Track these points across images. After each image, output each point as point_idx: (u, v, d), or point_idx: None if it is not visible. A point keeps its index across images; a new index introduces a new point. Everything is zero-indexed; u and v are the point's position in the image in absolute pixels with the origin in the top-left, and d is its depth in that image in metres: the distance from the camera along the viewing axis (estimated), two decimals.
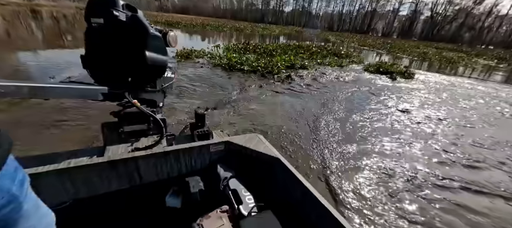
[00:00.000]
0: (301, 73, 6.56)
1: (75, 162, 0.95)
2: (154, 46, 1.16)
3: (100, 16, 1.04)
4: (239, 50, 8.90)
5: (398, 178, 2.32)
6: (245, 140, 1.31)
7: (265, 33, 25.86)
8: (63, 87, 0.94)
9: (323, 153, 2.64)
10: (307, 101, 4.34)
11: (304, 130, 3.14)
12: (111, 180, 1.03)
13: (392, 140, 3.13)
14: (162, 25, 21.80)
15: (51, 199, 0.91)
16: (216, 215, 1.00)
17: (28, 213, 0.56)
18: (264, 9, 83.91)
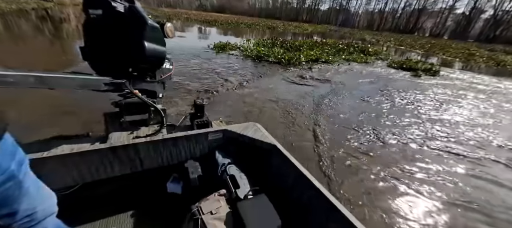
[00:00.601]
0: (321, 66, 7.22)
1: (79, 148, 0.98)
2: (153, 37, 1.17)
3: (98, 7, 1.05)
4: (268, 45, 9.85)
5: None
6: (243, 128, 1.34)
7: (297, 31, 26.22)
8: (68, 77, 0.96)
9: (310, 118, 3.45)
10: (315, 87, 5.09)
11: (304, 104, 3.96)
12: (113, 166, 1.06)
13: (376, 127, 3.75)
14: (202, 23, 23.98)
15: (57, 183, 0.97)
16: (214, 198, 1.04)
17: (29, 192, 0.59)
18: (299, 7, 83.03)
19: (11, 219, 0.57)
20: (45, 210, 0.66)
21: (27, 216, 0.60)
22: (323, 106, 3.94)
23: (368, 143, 2.85)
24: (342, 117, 3.59)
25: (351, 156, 2.54)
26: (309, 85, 5.08)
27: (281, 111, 3.57)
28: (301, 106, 3.85)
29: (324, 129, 3.11)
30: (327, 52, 9.69)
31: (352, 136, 2.99)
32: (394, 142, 2.95)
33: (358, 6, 76.72)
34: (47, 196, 0.69)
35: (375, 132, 3.15)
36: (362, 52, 11.21)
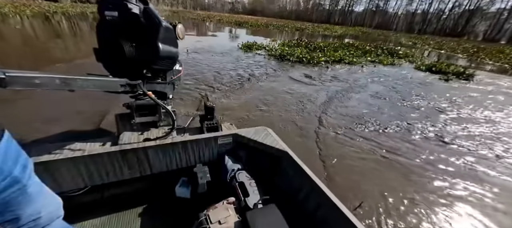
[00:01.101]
0: (343, 66, 7.45)
1: (90, 150, 0.99)
2: (167, 38, 1.17)
3: (114, 9, 1.05)
4: (292, 46, 10.30)
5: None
6: (253, 132, 1.32)
7: (326, 33, 25.90)
8: (89, 79, 0.97)
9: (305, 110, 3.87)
10: (331, 83, 5.42)
11: (317, 96, 4.38)
12: (123, 169, 1.06)
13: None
14: (233, 24, 25.30)
15: (68, 185, 0.99)
16: (223, 206, 1.01)
17: (32, 197, 0.58)
18: (331, 9, 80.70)
19: (15, 224, 0.56)
20: (50, 214, 0.65)
21: (32, 221, 0.59)
22: (335, 100, 4.32)
23: (360, 128, 3.20)
24: (348, 109, 3.95)
25: (344, 136, 2.95)
26: (325, 81, 5.45)
27: (294, 100, 4.08)
28: (313, 98, 4.30)
29: (328, 116, 3.54)
30: (352, 53, 9.74)
31: (350, 123, 3.36)
32: (373, 128, 3.24)
33: (397, 7, 71.58)
34: (52, 200, 0.68)
35: (370, 121, 3.46)
36: (391, 54, 10.92)
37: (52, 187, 0.85)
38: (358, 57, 9.17)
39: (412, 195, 2.07)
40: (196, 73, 5.13)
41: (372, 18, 72.32)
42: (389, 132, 3.20)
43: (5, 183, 0.51)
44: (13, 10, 16.19)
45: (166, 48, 1.18)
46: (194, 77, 4.82)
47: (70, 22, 13.52)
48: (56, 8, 23.74)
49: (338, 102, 4.21)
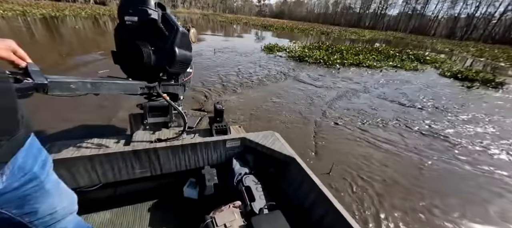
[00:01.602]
0: (358, 69, 7.59)
1: (104, 149, 1.05)
2: (183, 43, 1.24)
3: (135, 15, 1.09)
4: (313, 48, 10.60)
5: None
6: (261, 137, 1.33)
7: (353, 37, 25.32)
8: (115, 82, 1.02)
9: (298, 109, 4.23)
10: (344, 83, 5.69)
11: (326, 94, 4.73)
12: (134, 168, 1.12)
13: None
14: (259, 27, 26.12)
15: (84, 181, 1.06)
16: (229, 209, 1.04)
17: (49, 192, 0.62)
18: (362, 12, 77.58)
19: (32, 217, 0.60)
20: (65, 209, 0.69)
21: (48, 215, 0.63)
22: (343, 98, 4.65)
23: (354, 121, 3.53)
24: (352, 105, 4.26)
25: (341, 125, 3.31)
26: (337, 82, 5.75)
27: (304, 96, 4.51)
28: (323, 95, 4.68)
29: (332, 111, 3.92)
30: (374, 57, 9.71)
31: (349, 115, 3.70)
32: (370, 121, 3.51)
33: (437, 11, 66.08)
34: (68, 196, 0.72)
35: (364, 116, 3.74)
36: (417, 59, 10.57)
37: (70, 182, 0.94)
38: (379, 61, 9.14)
39: (381, 163, 2.40)
40: (221, 69, 5.84)
41: (407, 22, 67.76)
42: (383, 126, 3.48)
43: (25, 179, 0.55)
44: (72, 12, 19.05)
45: (182, 52, 1.26)
46: (218, 73, 5.52)
47: (113, 22, 15.50)
48: (104, 10, 27.17)
49: (346, 100, 4.54)
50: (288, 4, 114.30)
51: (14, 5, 19.60)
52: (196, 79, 4.77)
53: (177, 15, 41.86)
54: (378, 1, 72.93)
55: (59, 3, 37.53)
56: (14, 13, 14.45)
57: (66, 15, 17.17)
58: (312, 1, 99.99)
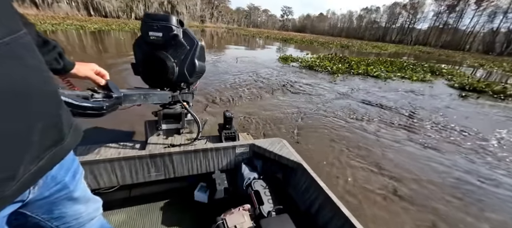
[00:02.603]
0: (363, 78, 8.16)
1: (124, 153, 1.12)
2: (200, 55, 1.39)
3: (159, 31, 1.21)
4: (326, 59, 11.34)
5: None
6: (269, 143, 1.39)
7: (374, 51, 25.32)
8: (155, 93, 1.18)
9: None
10: (341, 88, 6.36)
11: (325, 94, 5.47)
12: (150, 171, 1.19)
13: None
14: (279, 40, 27.44)
15: (105, 183, 1.13)
16: (239, 212, 1.09)
17: (77, 200, 0.66)
18: (387, 26, 75.75)
19: (59, 221, 0.63)
20: (90, 214, 0.73)
21: (74, 220, 0.67)
22: (340, 99, 5.37)
23: (328, 120, 4.23)
24: (332, 106, 4.96)
25: (325, 116, 4.07)
26: (337, 86, 6.45)
27: (306, 95, 5.34)
28: (322, 95, 5.45)
29: (326, 106, 4.68)
30: (387, 69, 10.10)
31: (336, 111, 4.42)
32: (342, 114, 4.16)
33: (472, 25, 61.95)
34: (93, 202, 0.76)
35: (337, 114, 4.41)
36: (432, 72, 10.69)
37: (92, 183, 1.06)
38: (389, 72, 9.53)
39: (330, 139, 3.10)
40: (241, 74, 6.95)
41: (438, 36, 64.42)
42: (334, 115, 4.14)
43: (56, 188, 0.59)
44: (117, 26, 22.30)
45: (201, 64, 1.40)
46: (238, 77, 6.61)
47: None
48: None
49: (339, 100, 5.25)
50: (311, 18, 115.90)
51: (73, 21, 23.79)
52: (219, 79, 5.88)
53: (204, 29, 45.33)
54: (405, 15, 70.81)
55: (107, 18, 43.43)
56: (74, 27, 17.63)
57: (112, 28, 20.26)
58: (336, 16, 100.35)
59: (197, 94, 2.91)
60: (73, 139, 0.55)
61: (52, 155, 0.49)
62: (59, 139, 0.50)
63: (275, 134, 3.29)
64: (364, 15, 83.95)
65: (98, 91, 0.83)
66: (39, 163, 0.46)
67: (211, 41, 20.37)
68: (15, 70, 0.39)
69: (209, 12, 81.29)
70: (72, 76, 0.81)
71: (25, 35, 0.43)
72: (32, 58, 0.44)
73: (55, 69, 0.74)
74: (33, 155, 0.44)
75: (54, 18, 25.41)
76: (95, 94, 0.81)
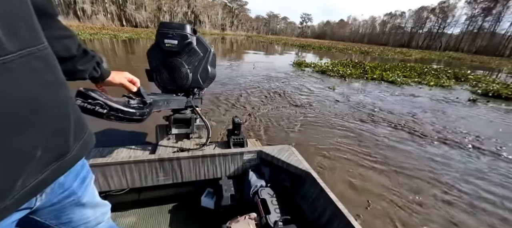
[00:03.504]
0: (371, 83, 8.08)
1: (134, 157, 1.13)
2: (212, 61, 1.43)
3: (174, 39, 1.25)
4: (339, 65, 11.34)
5: None
6: (277, 150, 1.37)
7: (397, 57, 24.39)
8: (174, 99, 1.23)
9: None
10: (348, 90, 6.41)
11: (331, 96, 5.61)
12: (159, 175, 1.20)
13: None
14: (296, 47, 27.63)
15: (115, 185, 1.15)
16: (245, 221, 1.07)
17: (85, 205, 0.67)
18: (414, 31, 71.93)
19: (66, 226, 0.64)
20: (97, 218, 0.73)
21: (82, 224, 0.68)
22: (344, 98, 5.49)
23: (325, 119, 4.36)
24: (329, 105, 5.08)
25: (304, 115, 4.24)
26: (343, 89, 6.52)
27: (314, 96, 5.55)
28: (330, 96, 5.61)
29: (334, 104, 4.85)
30: (404, 74, 9.84)
31: (305, 111, 4.56)
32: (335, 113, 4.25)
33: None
34: (101, 207, 0.76)
35: (333, 116, 4.50)
36: (456, 78, 10.15)
37: (103, 185, 1.12)
38: (408, 78, 9.27)
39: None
40: (256, 76, 7.37)
41: (472, 41, 59.61)
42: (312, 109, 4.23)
43: (64, 195, 0.59)
44: (146, 35, 24.33)
45: (213, 71, 1.44)
46: (253, 80, 7.03)
47: None
48: None
49: (343, 101, 5.37)
50: (331, 25, 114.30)
51: (108, 30, 26.52)
52: (235, 81, 6.33)
53: (224, 37, 47.05)
54: (434, 19, 66.79)
55: (137, 28, 47.36)
56: (108, 36, 19.70)
57: (141, 37, 22.18)
58: (357, 22, 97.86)
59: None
60: (80, 152, 0.55)
61: (56, 168, 0.49)
62: (64, 153, 0.50)
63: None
64: (388, 20, 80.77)
65: (133, 97, 0.90)
66: (41, 177, 0.46)
67: (230, 47, 21.28)
68: (26, 83, 0.39)
69: (229, 20, 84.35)
70: (107, 84, 0.86)
71: (45, 48, 0.43)
72: (48, 72, 0.44)
73: (93, 77, 0.79)
74: (34, 169, 0.43)
75: (92, 29, 28.52)
76: (131, 100, 0.88)
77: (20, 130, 0.39)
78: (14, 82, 0.37)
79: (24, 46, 0.39)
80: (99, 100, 0.75)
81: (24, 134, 0.40)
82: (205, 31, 57.71)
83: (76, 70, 0.71)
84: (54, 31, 0.61)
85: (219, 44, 23.59)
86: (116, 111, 0.79)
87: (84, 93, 0.73)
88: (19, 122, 0.38)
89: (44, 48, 0.43)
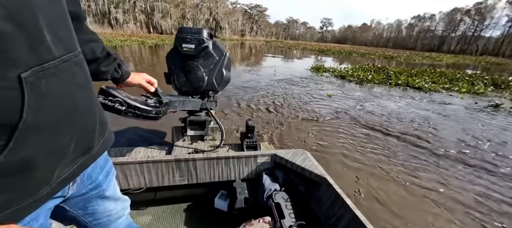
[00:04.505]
0: (395, 89, 7.62)
1: (153, 157, 1.17)
2: (227, 65, 1.46)
3: (192, 43, 1.29)
4: (360, 70, 10.93)
5: None
6: (291, 154, 1.35)
7: (425, 62, 22.88)
8: (190, 100, 1.27)
9: None
10: (362, 94, 6.11)
11: (346, 100, 5.40)
12: (175, 175, 1.23)
13: None
14: (315, 52, 27.23)
15: (134, 184, 1.19)
16: (259, 224, 1.06)
17: (108, 198, 0.72)
18: (446, 35, 66.85)
19: (92, 217, 0.69)
20: (118, 212, 0.78)
21: (105, 216, 0.73)
22: (357, 103, 5.25)
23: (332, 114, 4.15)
24: (339, 107, 4.84)
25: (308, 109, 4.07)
26: (357, 93, 6.24)
27: (318, 97, 5.41)
28: (343, 101, 5.43)
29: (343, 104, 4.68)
30: (434, 80, 9.20)
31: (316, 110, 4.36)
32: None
33: None
34: (122, 201, 0.81)
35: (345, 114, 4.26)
36: (495, 85, 9.22)
37: (123, 183, 1.15)
38: (437, 84, 8.64)
39: None
40: (276, 79, 7.41)
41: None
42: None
43: (91, 186, 0.64)
44: (170, 41, 25.80)
45: (228, 74, 1.48)
46: (274, 84, 7.08)
47: None
48: None
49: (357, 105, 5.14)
50: (353, 29, 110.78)
51: (137, 37, 28.63)
52: (258, 83, 6.41)
53: (244, 42, 48.14)
54: (469, 22, 61.54)
55: (162, 35, 50.36)
56: (136, 42, 21.23)
57: (165, 43, 23.54)
58: (381, 25, 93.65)
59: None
60: (103, 147, 0.60)
61: (83, 162, 0.54)
62: (90, 147, 0.55)
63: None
64: (416, 23, 76.15)
65: (150, 97, 0.95)
66: (72, 169, 0.51)
67: (249, 52, 21.65)
68: (67, 86, 0.42)
69: (249, 26, 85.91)
70: (127, 85, 0.90)
71: (79, 53, 0.47)
72: (81, 75, 0.48)
73: (115, 78, 0.83)
74: (66, 163, 0.48)
75: (123, 36, 30.95)
76: (148, 99, 0.93)
77: (61, 129, 0.43)
78: (60, 86, 0.40)
79: (67, 51, 0.42)
80: (119, 97, 0.79)
81: (63, 132, 0.44)
82: (225, 37, 59.39)
83: (99, 71, 0.76)
84: (83, 35, 0.66)
85: (238, 50, 24.11)
86: (134, 108, 0.83)
87: (106, 91, 0.79)
88: (62, 121, 0.42)
89: (79, 53, 0.47)
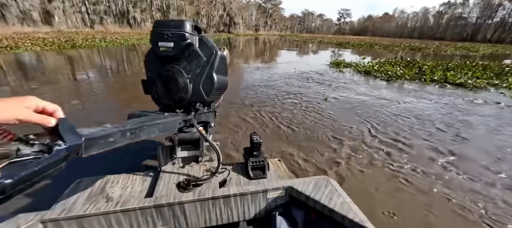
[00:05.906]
0: (432, 86, 6.57)
1: (123, 204, 0.91)
2: (220, 67, 1.16)
3: (170, 40, 1.01)
4: (387, 63, 9.83)
5: None
6: (312, 185, 1.05)
7: (458, 52, 20.68)
8: (153, 123, 0.91)
9: None
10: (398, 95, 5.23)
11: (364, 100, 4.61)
12: (156, 224, 0.96)
13: None
14: (333, 45, 25.83)
15: None
16: None
17: None
18: (481, 22, 60.52)
19: None
20: None
21: None
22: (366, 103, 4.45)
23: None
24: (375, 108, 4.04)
25: None
26: (392, 93, 5.38)
27: (354, 96, 4.67)
28: (363, 97, 4.65)
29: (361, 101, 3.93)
30: (476, 74, 7.95)
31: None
32: None
33: None
34: None
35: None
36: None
37: None
38: (480, 79, 7.43)
39: None
40: (295, 76, 6.76)
41: None
42: None
43: None
44: None
45: (220, 79, 1.19)
46: (293, 83, 6.46)
47: None
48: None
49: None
50: (373, 19, 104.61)
51: (141, 35, 29.16)
52: (278, 80, 5.84)
53: (258, 37, 47.57)
54: (508, 6, 54.95)
55: None
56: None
57: None
58: (405, 14, 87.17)
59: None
60: None
61: None
62: None
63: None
64: (445, 10, 69.77)
65: (33, 139, 0.52)
66: None
67: (264, 46, 20.97)
68: None
69: (263, 20, 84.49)
70: None
71: None
72: None
73: None
74: None
75: (140, 34, 31.52)
76: (25, 145, 0.50)
77: None
78: None
79: None
80: None
81: None
82: (239, 32, 58.81)
83: None
84: None
85: (252, 45, 23.53)
86: None
87: None
88: None
89: None
